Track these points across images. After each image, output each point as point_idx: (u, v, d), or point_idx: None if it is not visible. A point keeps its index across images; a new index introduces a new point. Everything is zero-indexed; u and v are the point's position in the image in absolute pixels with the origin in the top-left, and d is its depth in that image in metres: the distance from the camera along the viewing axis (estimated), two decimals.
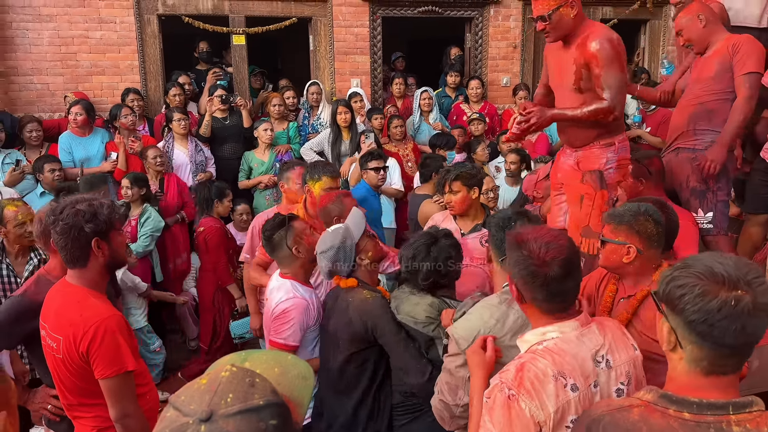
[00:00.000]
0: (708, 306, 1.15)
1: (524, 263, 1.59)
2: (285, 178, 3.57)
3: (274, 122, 5.66)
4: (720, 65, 3.16)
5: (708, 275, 1.17)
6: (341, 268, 2.52)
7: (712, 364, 1.19)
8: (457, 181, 3.00)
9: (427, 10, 6.57)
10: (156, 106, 6.07)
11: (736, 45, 3.13)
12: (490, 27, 6.77)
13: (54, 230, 2.03)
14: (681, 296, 1.18)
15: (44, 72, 5.77)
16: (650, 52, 7.40)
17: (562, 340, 1.59)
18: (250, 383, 0.97)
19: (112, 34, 5.86)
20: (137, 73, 5.97)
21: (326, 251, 2.50)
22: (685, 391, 1.21)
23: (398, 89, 6.39)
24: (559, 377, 1.52)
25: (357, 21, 6.40)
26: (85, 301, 2.06)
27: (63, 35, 5.75)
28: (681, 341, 1.21)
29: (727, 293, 1.15)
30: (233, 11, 6.16)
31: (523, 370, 1.53)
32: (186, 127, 5.19)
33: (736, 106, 3.10)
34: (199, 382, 0.98)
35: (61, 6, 5.69)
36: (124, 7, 5.83)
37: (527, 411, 1.48)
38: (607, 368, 1.60)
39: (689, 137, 3.29)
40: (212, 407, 0.92)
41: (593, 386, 1.56)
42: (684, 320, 1.19)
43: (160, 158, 4.84)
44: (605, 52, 2.60)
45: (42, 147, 5.04)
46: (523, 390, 1.50)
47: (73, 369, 2.04)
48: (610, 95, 2.61)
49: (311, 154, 5.56)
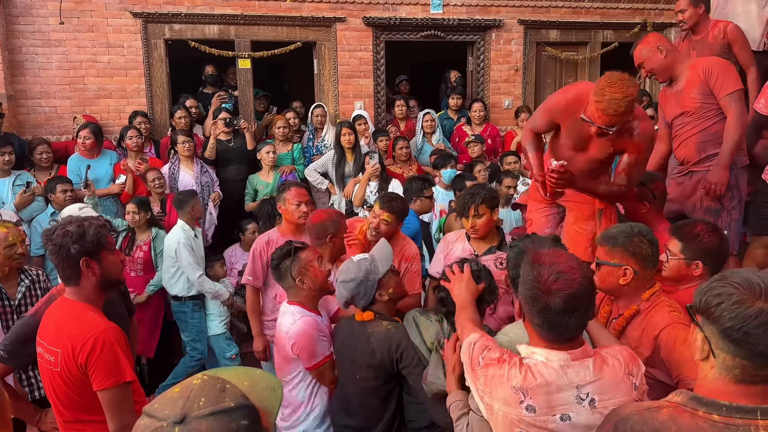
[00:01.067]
0: (745, 313, 1.18)
1: (530, 284, 1.59)
2: (282, 199, 3.58)
3: (278, 144, 5.72)
4: (701, 94, 3.20)
5: (746, 286, 1.22)
6: (359, 301, 2.46)
7: (743, 373, 1.22)
8: (483, 204, 2.96)
9: (430, 34, 6.68)
10: (162, 129, 6.14)
11: (707, 70, 3.16)
12: (491, 51, 6.87)
13: (48, 250, 2.12)
14: (718, 304, 1.22)
15: (52, 95, 5.86)
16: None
17: (544, 364, 1.58)
18: (221, 388, 1.02)
19: (120, 58, 5.96)
20: (144, 96, 6.06)
21: (347, 282, 2.43)
22: (714, 396, 1.24)
23: (400, 111, 6.46)
24: (518, 392, 1.56)
25: (360, 45, 6.50)
26: (84, 314, 2.10)
27: (71, 59, 5.86)
28: (714, 350, 1.24)
29: (763, 303, 1.19)
30: (239, 36, 6.27)
31: (497, 364, 1.64)
32: (191, 149, 5.25)
33: (729, 127, 3.12)
34: (172, 390, 1.03)
35: (70, 31, 5.81)
36: (131, 32, 5.94)
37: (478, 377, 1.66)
38: (590, 407, 1.56)
39: (701, 162, 3.32)
40: (185, 410, 0.97)
41: (560, 417, 1.55)
42: (719, 328, 1.22)
43: (159, 180, 4.92)
44: (646, 148, 2.67)
45: (51, 169, 5.11)
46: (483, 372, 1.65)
47: (71, 383, 2.06)
48: (629, 184, 2.69)
49: (315, 175, 5.60)
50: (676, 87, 3.34)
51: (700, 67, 3.21)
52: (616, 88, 2.42)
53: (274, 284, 3.53)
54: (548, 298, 1.54)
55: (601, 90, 2.45)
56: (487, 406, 1.63)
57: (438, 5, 6.60)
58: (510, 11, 6.82)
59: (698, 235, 2.39)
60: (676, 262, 2.39)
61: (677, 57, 3.31)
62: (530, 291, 1.58)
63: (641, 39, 3.38)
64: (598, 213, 2.86)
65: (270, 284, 3.57)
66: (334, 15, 6.36)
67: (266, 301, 3.62)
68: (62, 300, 2.19)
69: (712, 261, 2.35)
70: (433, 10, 6.60)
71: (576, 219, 2.90)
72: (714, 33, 3.95)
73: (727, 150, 3.13)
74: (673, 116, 3.42)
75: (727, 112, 3.14)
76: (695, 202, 3.30)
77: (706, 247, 2.36)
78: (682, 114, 3.33)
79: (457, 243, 3.16)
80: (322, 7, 6.34)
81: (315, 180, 5.61)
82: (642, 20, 7.13)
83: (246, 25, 6.23)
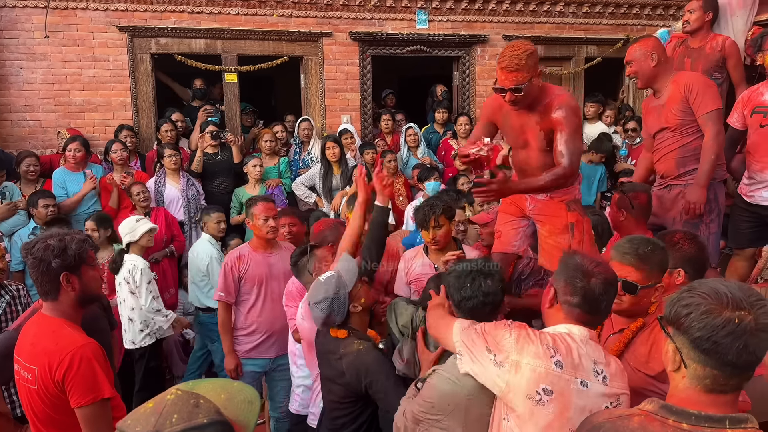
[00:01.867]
0: (713, 323, 1.21)
1: (572, 270, 1.78)
2: (249, 215, 3.53)
3: (265, 158, 5.72)
4: (682, 111, 3.22)
5: (713, 296, 1.24)
6: (335, 318, 2.46)
7: (714, 383, 1.24)
8: (443, 215, 3.02)
9: (416, 49, 6.74)
10: (148, 143, 6.12)
11: (688, 87, 3.18)
12: (477, 65, 6.94)
13: (27, 264, 2.09)
14: (687, 314, 1.24)
15: (37, 109, 5.83)
16: (634, 90, 7.58)
17: (567, 335, 1.75)
18: (195, 404, 1.02)
19: (105, 72, 5.95)
20: (129, 110, 6.04)
21: (320, 302, 2.42)
22: (685, 405, 1.26)
23: (386, 125, 6.50)
24: (549, 348, 1.69)
25: (347, 60, 6.55)
26: (61, 330, 2.07)
27: (56, 73, 5.84)
28: (685, 360, 1.26)
29: (731, 312, 1.21)
30: (225, 50, 6.28)
31: (527, 327, 1.78)
32: (177, 162, 5.24)
33: (706, 146, 3.15)
34: (145, 406, 1.03)
35: (56, 45, 5.79)
36: (117, 46, 5.94)
37: (505, 338, 1.74)
38: (602, 382, 1.70)
39: (680, 177, 3.35)
40: (158, 427, 0.97)
41: (581, 382, 1.68)
42: (689, 338, 1.24)
43: (144, 194, 4.89)
44: (569, 120, 2.63)
45: (38, 182, 5.07)
46: (518, 329, 1.76)
47: (48, 400, 2.03)
48: (569, 160, 2.62)
49: (303, 189, 5.61)
50: (658, 100, 3.37)
51: (682, 82, 3.24)
52: (513, 47, 2.60)
53: (245, 300, 3.55)
54: (590, 279, 1.75)
55: (502, 53, 2.62)
56: (513, 364, 1.69)
57: (424, 21, 6.67)
58: (495, 27, 6.91)
59: (678, 242, 2.42)
60: None
61: (665, 69, 3.33)
62: (572, 275, 1.77)
63: (642, 38, 3.41)
64: (570, 226, 2.87)
65: (241, 300, 3.54)
66: (320, 30, 6.41)
67: (237, 317, 3.59)
68: (39, 316, 2.15)
69: (692, 269, 2.38)
70: (419, 26, 6.67)
71: (550, 233, 2.89)
72: (712, 44, 3.98)
73: (704, 170, 3.16)
74: (655, 130, 3.44)
75: (705, 131, 3.17)
76: (675, 215, 3.32)
77: (686, 255, 2.39)
78: (664, 129, 3.35)
79: (416, 259, 3.19)
80: (308, 21, 6.38)
81: (303, 193, 5.62)
82: (625, 36, 7.24)
83: (232, 40, 6.25)
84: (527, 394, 1.66)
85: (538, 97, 2.70)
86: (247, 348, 3.58)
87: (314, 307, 2.46)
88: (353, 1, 6.41)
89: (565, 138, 2.61)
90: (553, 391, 1.65)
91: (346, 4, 6.40)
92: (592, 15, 7.15)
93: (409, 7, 6.59)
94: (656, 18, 7.24)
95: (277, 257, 3.56)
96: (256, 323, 3.54)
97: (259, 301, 3.53)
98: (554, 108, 2.65)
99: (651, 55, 3.27)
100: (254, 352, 3.57)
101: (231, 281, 3.49)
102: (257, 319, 3.54)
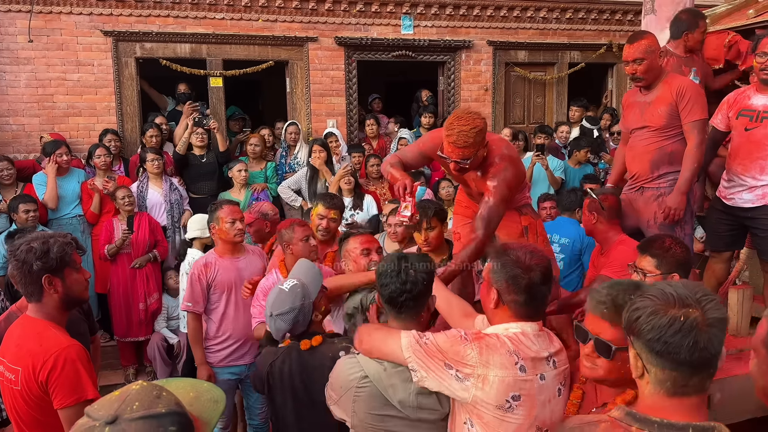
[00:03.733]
0: (659, 322, 1.21)
1: (510, 268, 1.77)
2: (215, 219, 3.41)
3: (251, 162, 5.73)
4: (669, 113, 3.20)
5: (659, 296, 1.25)
6: (297, 329, 2.34)
7: (674, 385, 1.24)
8: (435, 217, 3.03)
9: (401, 54, 6.79)
10: (132, 147, 6.11)
11: (680, 91, 3.17)
12: (462, 71, 7.00)
13: (10, 266, 2.10)
14: (637, 318, 1.26)
15: (20, 113, 5.80)
16: (617, 95, 7.67)
17: (522, 334, 1.76)
18: (157, 395, 1.07)
19: (90, 77, 5.94)
20: (114, 114, 6.03)
21: (285, 313, 2.28)
22: (649, 412, 1.26)
23: (371, 130, 6.54)
24: (513, 354, 1.70)
25: (333, 64, 6.58)
26: (45, 332, 2.07)
27: (40, 77, 5.82)
28: (646, 365, 1.26)
29: (676, 311, 1.22)
30: (211, 54, 6.30)
31: (484, 336, 1.75)
32: (160, 166, 5.23)
33: (689, 154, 3.16)
34: (112, 394, 1.08)
35: (40, 49, 5.78)
36: (102, 50, 5.93)
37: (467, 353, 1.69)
38: (553, 368, 1.78)
39: (653, 181, 3.36)
40: (119, 412, 1.03)
41: (540, 378, 1.73)
42: (643, 341, 1.25)
43: (129, 198, 4.87)
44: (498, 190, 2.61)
45: (17, 186, 5.04)
46: (477, 341, 1.72)
47: (32, 401, 2.03)
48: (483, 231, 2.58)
49: (289, 192, 5.62)
50: (645, 97, 3.32)
51: (675, 85, 3.21)
52: (463, 121, 2.50)
53: (215, 308, 3.45)
54: (530, 274, 1.75)
55: (450, 124, 2.53)
56: (480, 378, 1.67)
57: (409, 26, 6.72)
58: (479, 32, 6.98)
59: (670, 248, 2.42)
60: (654, 279, 2.34)
61: (661, 66, 3.33)
62: (511, 273, 1.76)
63: (643, 36, 3.29)
64: (525, 229, 2.91)
65: (211, 309, 3.45)
66: (306, 35, 6.44)
67: (209, 325, 3.50)
68: (24, 318, 2.16)
69: (683, 272, 2.38)
70: (404, 31, 6.72)
71: (508, 236, 2.89)
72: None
73: (685, 178, 3.17)
74: (634, 126, 3.40)
75: (689, 138, 3.18)
76: (649, 218, 3.34)
77: (680, 259, 2.40)
78: (644, 128, 3.34)
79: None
80: (294, 26, 6.41)
81: (288, 197, 5.63)
82: (608, 41, 7.34)
83: (218, 44, 6.27)
84: (497, 405, 1.66)
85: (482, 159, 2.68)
86: (222, 356, 3.48)
87: (277, 319, 2.31)
88: (338, 6, 6.45)
89: (488, 206, 2.60)
90: (521, 396, 1.67)
91: (331, 9, 6.44)
92: (576, 21, 7.24)
93: (395, 13, 6.65)
94: (638, 24, 7.32)
95: (245, 261, 3.49)
96: (230, 330, 3.46)
97: (230, 307, 3.45)
98: (490, 175, 2.65)
99: (659, 53, 3.25)
100: (229, 359, 3.49)
101: (199, 290, 3.39)
102: (230, 326, 3.45)
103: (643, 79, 3.25)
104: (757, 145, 3.29)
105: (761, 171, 3.30)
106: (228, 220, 3.37)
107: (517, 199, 2.86)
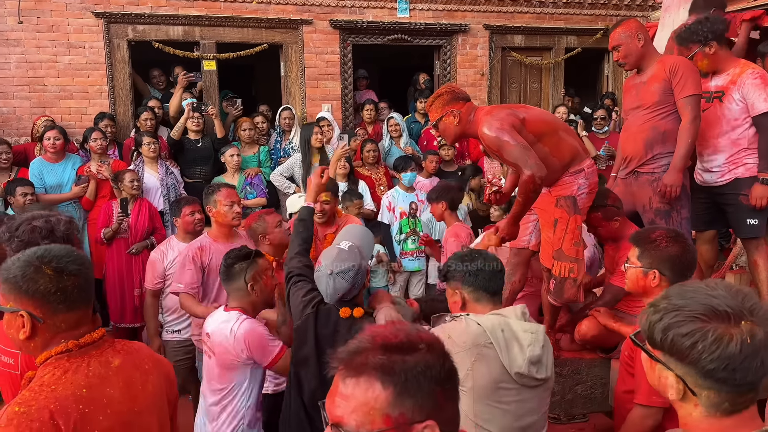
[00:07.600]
0: (728, 351, 1.07)
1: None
2: (212, 201, 3.38)
3: (244, 146, 5.68)
4: (662, 90, 3.22)
5: (710, 315, 1.10)
6: (352, 293, 2.25)
7: (733, 405, 1.12)
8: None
9: (397, 38, 6.72)
10: (125, 131, 6.04)
11: (673, 68, 3.19)
12: (458, 55, 6.94)
13: (9, 247, 2.00)
14: (692, 345, 1.09)
15: (11, 96, 5.71)
16: (614, 80, 7.66)
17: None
18: None
19: (81, 59, 5.85)
20: (106, 97, 5.95)
21: (346, 271, 2.21)
22: None
23: (369, 115, 6.47)
24: None
25: (327, 48, 6.51)
26: None
27: (31, 59, 5.72)
28: (693, 389, 1.12)
29: (739, 330, 1.08)
30: (204, 37, 6.21)
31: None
32: (156, 150, 5.17)
33: (683, 130, 3.18)
34: None
35: (30, 31, 5.67)
36: (93, 32, 5.83)
37: None
38: None
39: (647, 163, 3.37)
40: None
41: None
42: (699, 370, 1.10)
43: (137, 182, 4.78)
44: (489, 139, 2.80)
45: (11, 171, 4.97)
46: None
47: None
48: (523, 168, 2.72)
49: (281, 179, 5.58)
50: (640, 78, 3.37)
51: (668, 62, 3.24)
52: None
53: (209, 294, 3.33)
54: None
55: None
56: None
57: (405, 9, 6.65)
58: (476, 16, 6.91)
59: (655, 240, 2.22)
60: (634, 271, 2.23)
61: (652, 49, 3.35)
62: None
63: (622, 22, 3.38)
64: (554, 222, 2.91)
65: (205, 295, 3.33)
66: (300, 17, 6.35)
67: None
68: None
69: (671, 271, 2.17)
70: (400, 14, 6.65)
71: (543, 225, 2.98)
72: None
73: (680, 154, 3.18)
74: (630, 108, 3.44)
75: (683, 114, 3.20)
76: (645, 203, 3.35)
77: (663, 254, 2.18)
78: (638, 107, 3.36)
79: None
80: (288, 9, 6.32)
81: (281, 184, 5.59)
82: (604, 26, 7.29)
83: (211, 27, 6.17)
84: None
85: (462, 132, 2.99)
86: None
87: (338, 277, 2.21)
88: None
89: (506, 151, 2.76)
90: None
91: None
92: (572, 5, 7.19)
93: None
94: (635, 9, 7.29)
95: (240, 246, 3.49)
96: None
97: (222, 292, 3.26)
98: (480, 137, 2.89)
99: (637, 36, 3.27)
100: None
101: (194, 270, 3.24)
102: None
103: (625, 63, 3.39)
104: (709, 125, 3.39)
105: (714, 151, 3.43)
106: (226, 203, 3.35)
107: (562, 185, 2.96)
